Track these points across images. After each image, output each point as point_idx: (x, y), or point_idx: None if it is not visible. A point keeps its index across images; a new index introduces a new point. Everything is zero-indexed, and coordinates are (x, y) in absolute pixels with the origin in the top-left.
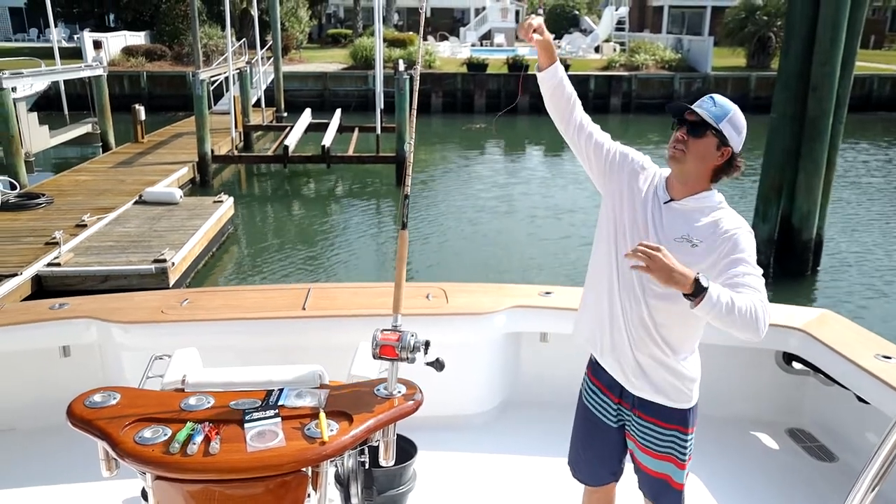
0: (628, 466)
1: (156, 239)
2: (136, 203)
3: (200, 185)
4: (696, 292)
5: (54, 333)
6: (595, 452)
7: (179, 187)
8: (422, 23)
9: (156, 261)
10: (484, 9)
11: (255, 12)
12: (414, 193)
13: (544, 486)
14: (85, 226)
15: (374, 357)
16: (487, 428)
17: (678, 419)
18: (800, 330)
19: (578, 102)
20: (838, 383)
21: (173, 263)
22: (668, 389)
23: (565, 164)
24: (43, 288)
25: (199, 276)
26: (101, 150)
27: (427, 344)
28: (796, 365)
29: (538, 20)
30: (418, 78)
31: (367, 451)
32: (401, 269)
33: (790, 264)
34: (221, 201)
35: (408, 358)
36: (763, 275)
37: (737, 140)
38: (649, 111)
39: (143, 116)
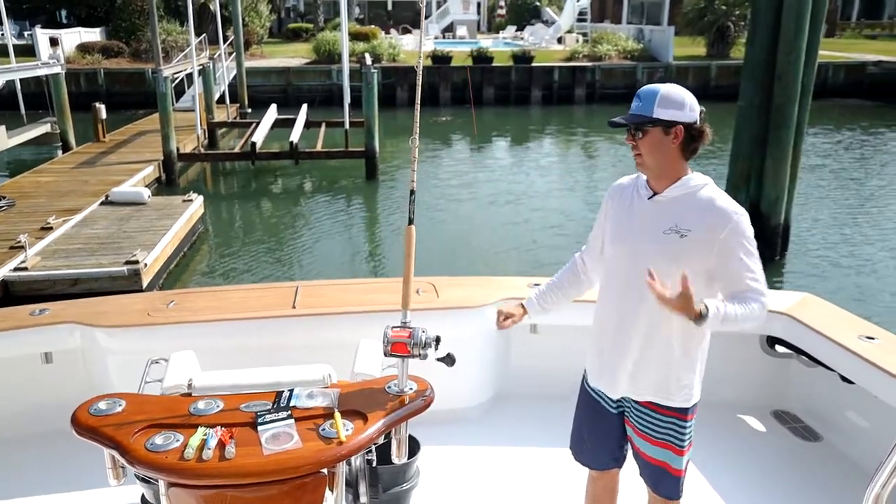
0: (631, 454)
1: (126, 240)
2: (102, 204)
3: (167, 183)
4: (700, 317)
5: (36, 340)
6: (597, 438)
7: (146, 186)
8: (422, 17)
9: (127, 262)
10: (446, 1)
11: (216, 7)
12: (384, 188)
13: (545, 477)
14: (51, 228)
15: (386, 354)
16: (482, 421)
17: (677, 408)
18: (784, 314)
19: (566, 276)
20: (822, 365)
21: (146, 265)
22: (671, 393)
23: (530, 152)
24: (10, 293)
25: (172, 276)
26: (60, 150)
27: (438, 340)
28: (779, 348)
29: (505, 314)
30: (421, 72)
31: (373, 449)
32: (409, 264)
33: (760, 250)
34: (191, 200)
35: (420, 354)
36: None
37: (682, 114)
38: (613, 101)
39: (103, 115)
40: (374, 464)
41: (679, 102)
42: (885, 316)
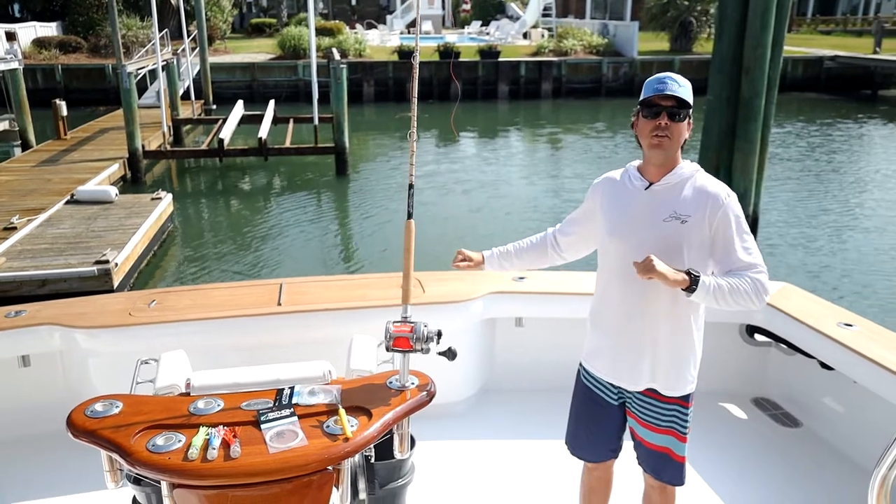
0: (627, 444)
1: (94, 239)
2: (67, 203)
3: (132, 182)
4: (691, 284)
5: (13, 343)
6: (597, 430)
7: (112, 185)
8: (418, 13)
9: (97, 262)
10: None
11: (178, 1)
12: (354, 184)
13: (538, 468)
14: (14, 228)
15: (388, 349)
16: (470, 415)
17: (679, 395)
18: None
19: (533, 245)
20: (801, 352)
21: (116, 264)
22: (674, 381)
23: (501, 146)
24: None
25: (143, 276)
26: (19, 148)
27: (439, 334)
28: (759, 337)
29: (463, 256)
30: (417, 66)
31: (372, 445)
32: (408, 259)
33: None
34: (160, 198)
35: (422, 349)
36: None
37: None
38: (579, 95)
39: (64, 112)
40: (373, 459)
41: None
42: (846, 296)
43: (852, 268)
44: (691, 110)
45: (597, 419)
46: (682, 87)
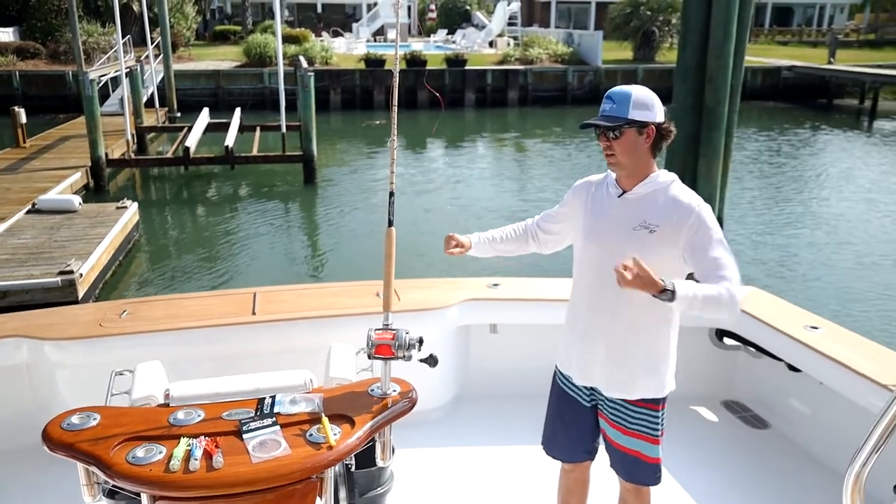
0: (603, 447)
1: (58, 250)
2: (29, 212)
3: (95, 190)
4: (666, 293)
5: None
6: (570, 431)
7: (74, 194)
8: (397, 18)
9: (61, 273)
10: (375, 4)
11: (141, 7)
12: (323, 192)
13: (515, 474)
14: None
15: (370, 357)
16: (445, 422)
17: (648, 398)
18: None
19: (517, 234)
20: (769, 355)
21: (81, 275)
22: (641, 384)
23: (462, 155)
24: None
25: (108, 286)
26: None
27: (421, 341)
28: (728, 340)
29: (456, 242)
30: (397, 74)
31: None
32: (389, 266)
33: None
34: (125, 207)
35: (404, 356)
36: None
37: (652, 114)
38: (544, 103)
39: (23, 119)
40: (353, 468)
41: (650, 103)
42: (805, 296)
43: (807, 264)
44: (634, 123)
45: (572, 420)
46: (614, 106)
